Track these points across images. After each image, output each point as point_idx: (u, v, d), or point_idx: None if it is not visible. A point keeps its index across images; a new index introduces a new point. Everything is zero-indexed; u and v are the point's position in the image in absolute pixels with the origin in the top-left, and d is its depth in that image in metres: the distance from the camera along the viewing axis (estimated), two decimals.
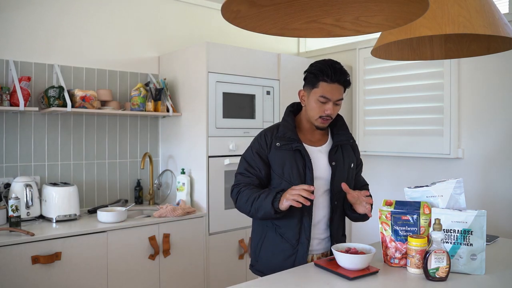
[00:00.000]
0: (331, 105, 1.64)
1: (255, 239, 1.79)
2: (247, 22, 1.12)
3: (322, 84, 1.63)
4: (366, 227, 3.52)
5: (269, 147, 1.71)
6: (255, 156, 1.72)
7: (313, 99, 1.66)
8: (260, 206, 1.60)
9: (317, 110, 1.66)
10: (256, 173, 1.71)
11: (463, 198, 1.55)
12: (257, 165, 1.71)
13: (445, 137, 3.00)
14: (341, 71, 1.64)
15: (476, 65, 2.90)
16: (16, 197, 2.26)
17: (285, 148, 1.68)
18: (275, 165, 1.70)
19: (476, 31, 1.29)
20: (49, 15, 2.76)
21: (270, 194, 1.59)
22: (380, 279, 1.44)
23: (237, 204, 1.71)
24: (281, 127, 1.73)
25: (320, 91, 1.64)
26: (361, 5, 1.09)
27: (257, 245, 1.77)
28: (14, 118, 2.63)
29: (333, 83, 1.62)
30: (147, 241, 2.50)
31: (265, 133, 1.75)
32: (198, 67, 2.84)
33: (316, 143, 1.76)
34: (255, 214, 1.64)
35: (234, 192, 1.74)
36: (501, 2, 2.81)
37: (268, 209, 1.57)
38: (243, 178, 1.73)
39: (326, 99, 1.63)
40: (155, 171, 3.22)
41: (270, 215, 1.59)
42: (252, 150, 1.74)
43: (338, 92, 1.64)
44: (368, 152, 3.47)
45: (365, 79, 3.49)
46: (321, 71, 1.63)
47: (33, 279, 2.10)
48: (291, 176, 1.67)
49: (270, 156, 1.70)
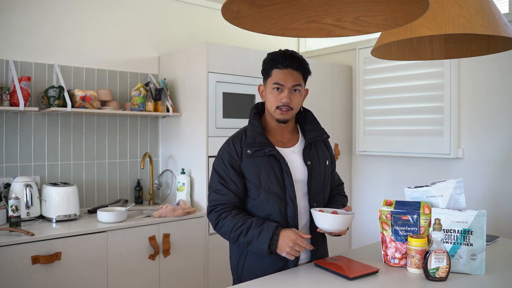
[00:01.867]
0: (286, 93, 1.56)
1: (235, 256, 1.67)
2: (247, 22, 1.12)
3: (274, 71, 1.57)
4: (366, 227, 3.52)
5: (240, 156, 1.58)
6: (228, 169, 1.58)
7: (269, 90, 1.59)
8: (251, 242, 1.50)
9: (273, 101, 1.58)
10: (233, 188, 1.58)
11: (463, 198, 1.55)
12: (232, 178, 1.58)
13: (445, 137, 3.00)
14: (292, 56, 1.57)
15: (476, 65, 2.90)
16: (16, 197, 2.26)
17: (257, 155, 1.57)
18: (250, 174, 1.57)
19: (476, 31, 1.29)
20: (49, 15, 2.76)
21: (265, 231, 1.48)
22: (380, 279, 1.44)
23: (219, 231, 1.58)
24: (248, 132, 1.60)
25: (273, 79, 1.57)
26: (361, 5, 1.09)
27: (238, 263, 1.65)
28: (14, 118, 2.63)
29: (285, 69, 1.56)
30: (147, 241, 2.50)
31: (233, 141, 1.62)
32: (198, 67, 2.84)
33: (287, 143, 1.66)
34: (242, 246, 1.54)
35: (212, 216, 1.60)
36: (501, 2, 2.81)
37: (263, 249, 1.48)
38: (220, 196, 1.58)
39: (280, 85, 1.56)
40: (155, 171, 3.22)
41: (263, 254, 1.50)
42: (224, 162, 1.59)
43: (292, 77, 1.56)
44: (368, 152, 3.47)
45: (365, 79, 3.49)
46: (272, 59, 1.59)
47: (33, 279, 2.10)
48: (269, 184, 1.56)
49: (243, 166, 1.58)
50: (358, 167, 3.68)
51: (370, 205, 3.50)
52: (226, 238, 1.58)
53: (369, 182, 3.60)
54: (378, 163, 3.52)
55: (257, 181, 1.57)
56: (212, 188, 1.62)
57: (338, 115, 3.64)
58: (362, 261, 1.57)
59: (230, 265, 1.72)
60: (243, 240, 1.51)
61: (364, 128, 3.51)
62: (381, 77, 3.38)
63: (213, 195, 1.61)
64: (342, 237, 3.69)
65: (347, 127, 3.72)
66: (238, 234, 1.52)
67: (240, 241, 1.52)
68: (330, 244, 3.42)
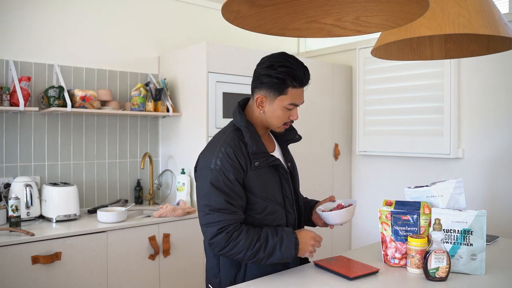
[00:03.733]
0: (296, 110, 1.50)
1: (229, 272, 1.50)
2: (247, 22, 1.12)
3: (291, 90, 1.45)
4: (366, 227, 3.52)
5: (244, 168, 1.43)
6: (234, 184, 1.41)
7: (279, 107, 1.47)
8: (272, 253, 1.40)
9: (283, 118, 1.49)
10: (240, 204, 1.42)
11: (463, 198, 1.55)
12: (239, 194, 1.42)
13: (445, 137, 3.00)
14: (308, 72, 1.47)
15: (476, 65, 2.90)
16: (16, 197, 2.26)
17: (261, 166, 1.47)
18: (256, 187, 1.45)
19: (476, 31, 1.29)
20: (49, 15, 2.76)
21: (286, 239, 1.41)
22: (380, 279, 1.44)
23: (229, 252, 1.39)
24: (249, 140, 1.45)
25: (289, 99, 1.46)
26: (361, 5, 1.09)
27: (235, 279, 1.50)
28: (14, 118, 2.63)
29: (301, 87, 1.47)
30: (147, 241, 2.50)
31: (233, 151, 1.43)
32: (198, 67, 2.84)
33: (270, 148, 1.58)
34: (257, 261, 1.41)
35: (220, 238, 1.37)
36: (501, 2, 2.81)
37: (288, 255, 1.41)
38: (228, 216, 1.39)
39: (295, 105, 1.48)
40: (155, 171, 3.22)
41: (287, 260, 1.44)
42: (228, 177, 1.40)
43: (303, 94, 1.50)
44: (368, 152, 3.47)
45: (365, 79, 3.49)
46: (291, 75, 1.43)
47: (33, 279, 2.10)
48: (274, 195, 1.49)
49: (248, 179, 1.44)
50: (358, 167, 3.68)
51: (370, 205, 3.50)
52: (238, 258, 1.41)
53: (369, 182, 3.60)
54: (378, 163, 3.52)
55: (264, 194, 1.47)
56: (215, 208, 1.39)
57: (338, 115, 3.64)
58: (362, 261, 1.57)
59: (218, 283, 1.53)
60: (262, 255, 1.39)
61: (364, 128, 3.51)
62: (381, 77, 3.38)
63: (218, 216, 1.39)
64: (342, 237, 3.68)
65: (347, 127, 3.72)
66: (257, 249, 1.39)
67: (258, 256, 1.39)
68: (330, 244, 3.43)
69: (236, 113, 1.53)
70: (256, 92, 1.51)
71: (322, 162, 3.50)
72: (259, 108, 1.51)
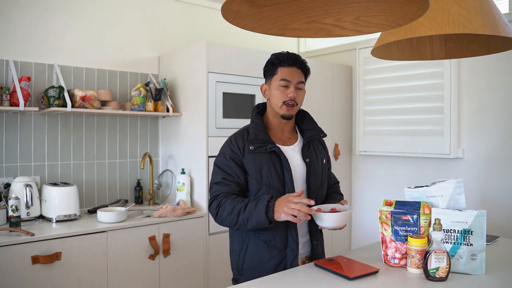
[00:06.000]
0: (293, 88, 1.64)
1: (236, 250, 1.70)
2: (247, 22, 1.12)
3: (280, 69, 1.66)
4: (366, 227, 3.52)
5: (242, 152, 1.64)
6: (230, 162, 1.63)
7: (274, 87, 1.66)
8: (249, 216, 1.51)
9: (280, 96, 1.65)
10: (235, 180, 1.62)
11: (463, 198, 1.55)
12: (234, 171, 1.63)
13: (445, 137, 3.00)
14: (296, 56, 1.68)
15: (476, 65, 2.90)
16: (16, 197, 2.26)
17: (259, 151, 1.63)
18: (252, 169, 1.62)
19: (476, 31, 1.29)
20: (49, 15, 2.76)
21: (260, 202, 1.51)
22: (380, 279, 1.44)
23: (219, 218, 1.60)
24: (251, 129, 1.66)
25: (279, 76, 1.65)
26: (361, 5, 1.09)
27: (239, 257, 1.68)
28: (14, 118, 2.63)
29: (291, 67, 1.65)
30: (147, 241, 2.50)
31: (235, 138, 1.68)
32: (198, 67, 2.84)
33: (287, 142, 1.72)
34: (243, 226, 1.54)
35: (213, 205, 1.62)
36: (501, 2, 2.81)
37: (261, 219, 1.48)
38: (221, 187, 1.62)
39: (287, 81, 1.64)
40: (155, 171, 3.22)
41: (262, 225, 1.50)
42: (226, 157, 1.65)
43: (297, 75, 1.66)
44: (368, 152, 3.47)
45: (365, 79, 3.49)
46: (277, 58, 1.67)
47: (33, 279, 2.10)
48: (269, 179, 1.61)
49: (245, 161, 1.63)
50: (358, 167, 3.68)
51: (370, 205, 3.50)
52: (228, 223, 1.59)
53: (369, 182, 3.60)
54: (378, 163, 3.52)
55: (258, 176, 1.62)
56: (213, 182, 1.66)
57: (338, 115, 3.64)
58: (362, 261, 1.57)
59: (230, 260, 1.75)
60: (242, 217, 1.52)
61: (364, 128, 3.51)
62: (381, 77, 3.38)
63: (215, 187, 1.64)
64: (342, 237, 3.69)
65: (347, 127, 3.73)
66: (237, 212, 1.53)
67: (240, 219, 1.53)
68: (330, 244, 3.43)
69: (252, 110, 1.75)
70: (262, 86, 1.75)
71: None
72: (265, 97, 1.73)
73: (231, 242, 1.75)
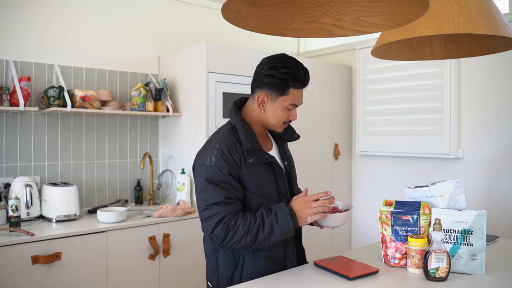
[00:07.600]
0: (296, 111, 1.55)
1: (226, 270, 1.51)
2: (247, 22, 1.12)
3: (292, 91, 1.49)
4: (366, 227, 3.52)
5: (238, 165, 1.46)
6: (229, 178, 1.43)
7: (280, 107, 1.51)
8: (272, 232, 1.40)
9: (282, 117, 1.53)
10: (237, 197, 1.45)
11: (463, 198, 1.55)
12: (235, 187, 1.45)
13: (445, 137, 3.00)
14: (308, 73, 1.52)
15: (476, 65, 2.90)
16: (16, 197, 2.26)
17: (256, 163, 1.49)
18: (251, 184, 1.47)
19: (476, 31, 1.29)
20: (49, 15, 2.76)
21: (280, 213, 1.41)
22: (380, 279, 1.44)
23: (228, 243, 1.40)
24: (244, 138, 1.48)
25: (290, 99, 1.50)
26: (361, 5, 1.09)
27: (232, 276, 1.51)
28: (14, 118, 2.63)
29: (302, 88, 1.52)
30: (147, 241, 2.50)
31: (227, 148, 1.46)
32: (198, 67, 2.84)
33: (267, 147, 1.61)
34: (261, 243, 1.41)
35: (218, 230, 1.39)
36: (501, 2, 2.81)
37: (288, 230, 1.40)
38: (225, 207, 1.41)
39: (295, 106, 1.53)
40: (155, 171, 3.22)
41: (287, 236, 1.43)
42: (222, 171, 1.43)
43: (302, 95, 1.55)
44: (368, 152, 3.47)
45: (365, 79, 3.49)
46: (293, 77, 1.47)
47: (33, 279, 2.10)
48: (270, 192, 1.51)
49: (243, 175, 1.47)
50: (358, 167, 3.68)
51: (370, 205, 3.50)
52: (241, 246, 1.41)
53: (369, 182, 3.60)
54: (378, 163, 3.52)
55: (259, 190, 1.49)
56: (211, 202, 1.42)
57: (338, 115, 3.64)
58: (362, 261, 1.57)
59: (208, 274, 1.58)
60: (262, 235, 1.39)
61: (364, 128, 3.51)
62: (381, 77, 3.38)
63: (215, 208, 1.41)
64: (342, 237, 3.68)
65: (347, 127, 3.72)
66: (256, 231, 1.39)
67: (259, 238, 1.40)
68: (330, 244, 3.43)
69: (232, 112, 1.57)
70: (257, 91, 1.54)
71: (322, 162, 3.50)
72: (260, 107, 1.54)
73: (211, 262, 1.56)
